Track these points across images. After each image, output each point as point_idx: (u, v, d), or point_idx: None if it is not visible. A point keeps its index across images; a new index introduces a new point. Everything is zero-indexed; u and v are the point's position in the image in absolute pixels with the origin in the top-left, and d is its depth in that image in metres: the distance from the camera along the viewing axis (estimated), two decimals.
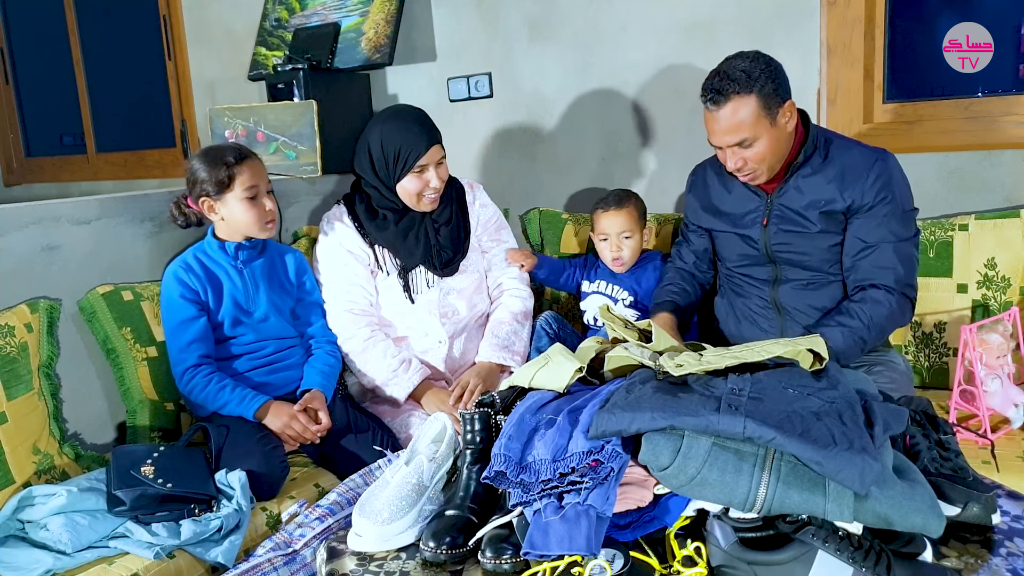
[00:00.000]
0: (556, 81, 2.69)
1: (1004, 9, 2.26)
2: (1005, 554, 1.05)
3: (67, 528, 1.47)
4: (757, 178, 1.81)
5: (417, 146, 2.02)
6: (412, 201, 2.08)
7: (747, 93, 1.69)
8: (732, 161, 1.78)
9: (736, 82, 1.69)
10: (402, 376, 2.05)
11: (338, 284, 2.10)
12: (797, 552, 0.99)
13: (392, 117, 2.08)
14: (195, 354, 1.86)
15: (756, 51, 1.75)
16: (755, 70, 1.70)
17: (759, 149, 1.74)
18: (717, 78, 1.72)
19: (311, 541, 1.36)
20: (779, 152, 1.78)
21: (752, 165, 1.77)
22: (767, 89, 1.70)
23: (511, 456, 1.12)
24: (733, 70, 1.71)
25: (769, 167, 1.78)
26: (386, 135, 2.04)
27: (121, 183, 3.94)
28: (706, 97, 1.73)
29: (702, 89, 1.75)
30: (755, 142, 1.73)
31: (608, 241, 2.20)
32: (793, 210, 1.83)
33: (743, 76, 1.69)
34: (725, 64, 1.74)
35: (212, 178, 1.86)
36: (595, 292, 2.27)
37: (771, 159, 1.77)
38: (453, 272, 2.15)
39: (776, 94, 1.71)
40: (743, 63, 1.71)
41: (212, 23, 3.40)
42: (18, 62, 4.38)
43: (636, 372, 1.22)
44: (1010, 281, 1.98)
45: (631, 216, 2.19)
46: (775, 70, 1.73)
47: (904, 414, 1.12)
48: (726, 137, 1.74)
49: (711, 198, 1.99)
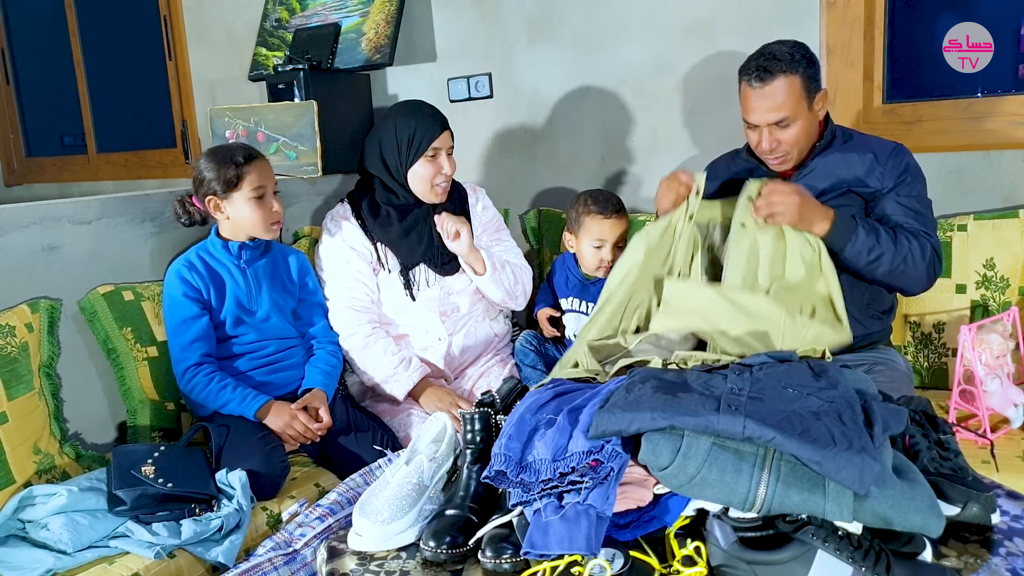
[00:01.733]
0: (556, 81, 2.70)
1: (1004, 9, 2.27)
2: (1004, 554, 1.05)
3: (68, 528, 1.47)
4: (787, 162, 1.85)
5: (431, 128, 2.06)
6: (424, 189, 2.09)
7: (792, 73, 1.75)
8: (767, 141, 1.80)
9: (782, 61, 1.75)
10: (402, 374, 2.06)
11: (340, 280, 2.10)
12: (797, 552, 0.99)
13: (404, 106, 2.14)
14: (197, 353, 1.86)
15: (795, 40, 1.81)
16: (797, 53, 1.76)
17: (795, 131, 1.78)
18: (763, 58, 1.77)
19: (311, 540, 1.36)
20: (810, 137, 1.83)
21: (785, 147, 1.81)
22: (809, 72, 1.77)
23: (511, 456, 1.12)
24: (779, 51, 1.76)
25: (799, 151, 1.84)
26: (400, 122, 2.08)
27: (122, 183, 3.94)
28: (751, 75, 1.77)
29: (744, 69, 1.79)
30: (793, 123, 1.77)
31: (603, 248, 2.15)
32: (817, 189, 1.83)
33: (788, 57, 1.75)
34: (767, 47, 1.79)
35: (220, 177, 1.86)
36: (570, 310, 2.24)
37: (803, 143, 1.82)
38: (454, 271, 2.16)
39: (815, 79, 1.78)
40: (786, 47, 1.77)
41: (213, 23, 3.40)
42: (18, 62, 4.38)
43: (636, 371, 1.22)
44: (1009, 281, 1.98)
45: (626, 224, 2.17)
46: (813, 58, 1.79)
47: (903, 414, 1.12)
48: (768, 115, 1.77)
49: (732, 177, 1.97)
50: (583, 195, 2.21)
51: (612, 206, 2.16)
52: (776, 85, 1.75)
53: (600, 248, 2.16)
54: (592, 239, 2.16)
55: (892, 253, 1.72)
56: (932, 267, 1.77)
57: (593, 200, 2.17)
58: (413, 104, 2.15)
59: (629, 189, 2.64)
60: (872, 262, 1.72)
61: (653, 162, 2.60)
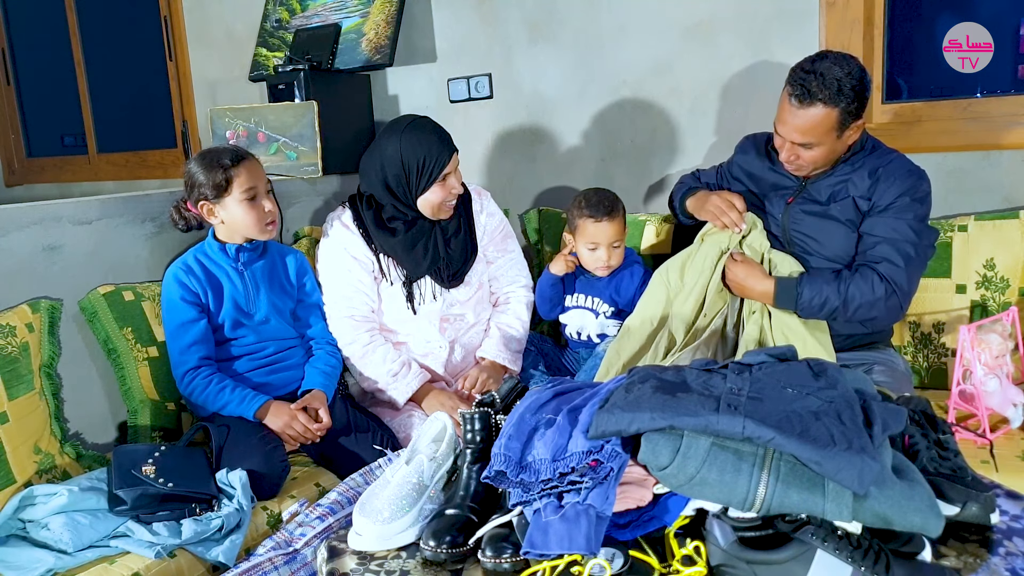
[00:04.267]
0: (556, 81, 2.70)
1: (1004, 9, 2.27)
2: (1004, 553, 1.05)
3: (68, 527, 1.47)
4: (801, 171, 1.87)
5: (441, 156, 1.98)
6: (434, 211, 2.04)
7: (833, 106, 1.70)
8: (786, 153, 1.82)
9: (828, 89, 1.69)
10: (402, 380, 2.05)
11: (340, 290, 2.07)
12: (796, 551, 0.99)
13: (408, 130, 2.00)
14: (195, 356, 1.86)
15: (856, 60, 1.74)
16: (847, 84, 1.69)
17: (815, 154, 1.79)
18: (812, 77, 1.71)
19: (312, 540, 1.36)
20: (831, 159, 1.83)
21: (802, 163, 1.82)
22: (850, 108, 1.72)
23: (511, 456, 1.13)
24: (829, 76, 1.70)
25: (815, 169, 1.85)
26: (406, 149, 1.97)
27: (122, 183, 3.94)
28: (794, 91, 1.73)
29: (792, 77, 1.75)
30: (817, 148, 1.77)
31: (597, 250, 2.12)
32: (821, 196, 1.87)
33: (835, 86, 1.69)
34: (824, 64, 1.71)
35: (210, 182, 1.85)
36: (574, 307, 2.22)
37: (821, 163, 1.83)
38: (459, 283, 2.13)
39: (855, 114, 1.73)
40: (840, 71, 1.70)
41: (213, 24, 3.41)
42: (19, 62, 4.38)
43: (635, 370, 1.22)
44: (1009, 282, 1.98)
45: (621, 223, 2.13)
46: (865, 87, 1.72)
47: (903, 414, 1.12)
48: (795, 135, 1.77)
49: (753, 163, 2.01)
50: (580, 196, 2.17)
51: (604, 209, 2.09)
52: (812, 113, 1.71)
53: (595, 250, 2.13)
54: (586, 241, 2.13)
55: (841, 304, 1.76)
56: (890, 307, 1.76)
57: (587, 202, 2.12)
58: (417, 127, 2.01)
59: (629, 189, 2.64)
60: (828, 314, 1.79)
61: (653, 162, 2.60)
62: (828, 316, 1.79)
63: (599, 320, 2.18)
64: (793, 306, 1.80)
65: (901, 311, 1.80)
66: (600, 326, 2.19)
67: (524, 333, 2.23)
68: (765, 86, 2.34)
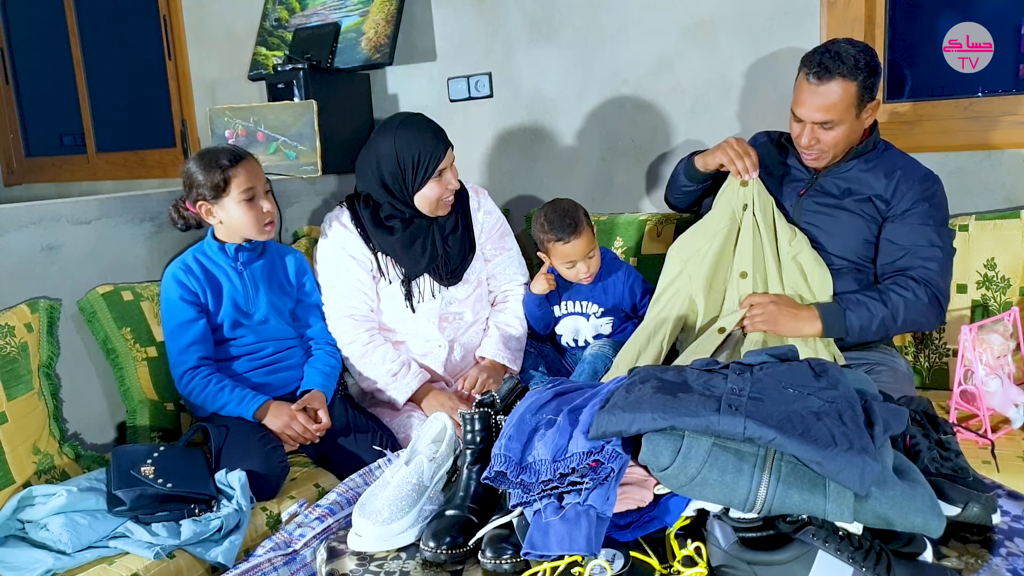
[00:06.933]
0: (556, 81, 2.69)
1: (1004, 9, 2.27)
2: (1005, 554, 1.05)
3: (67, 528, 1.47)
4: (820, 160, 1.87)
5: (436, 151, 1.98)
6: (431, 207, 2.04)
7: (851, 79, 1.74)
8: (807, 137, 1.82)
9: (845, 64, 1.74)
10: (401, 380, 2.05)
11: (339, 289, 2.07)
12: (797, 552, 0.99)
13: (402, 127, 2.00)
14: (194, 356, 1.85)
15: (866, 43, 1.80)
16: (862, 60, 1.74)
17: (836, 134, 1.79)
18: (827, 55, 1.75)
19: (311, 541, 1.36)
20: (849, 142, 1.84)
21: (823, 147, 1.82)
22: (868, 82, 1.76)
23: (511, 456, 1.12)
24: (845, 52, 1.74)
25: (835, 155, 1.85)
26: (400, 146, 1.97)
27: (121, 183, 3.94)
28: (811, 70, 1.76)
29: (807, 61, 1.79)
30: (837, 127, 1.78)
31: (575, 266, 2.07)
32: (833, 190, 1.87)
33: (852, 61, 1.74)
34: (836, 44, 1.77)
35: (208, 182, 1.85)
36: (567, 314, 2.20)
37: (841, 146, 1.83)
38: (458, 281, 2.12)
39: (871, 90, 1.77)
40: (854, 49, 1.75)
41: (212, 23, 3.40)
42: (18, 62, 4.37)
43: (636, 370, 1.22)
44: (1010, 281, 1.98)
45: (589, 234, 2.07)
46: (877, 67, 1.77)
47: (904, 414, 1.12)
48: (815, 113, 1.77)
49: (766, 154, 2.00)
50: (539, 217, 2.09)
51: (568, 228, 2.02)
52: (832, 87, 1.74)
53: (572, 267, 2.09)
54: (561, 261, 2.09)
55: (889, 316, 1.76)
56: (936, 312, 1.80)
57: (549, 224, 2.05)
58: (412, 123, 2.01)
59: (629, 189, 2.64)
60: (877, 331, 1.78)
61: (653, 161, 2.59)
62: (880, 334, 1.79)
63: (591, 322, 2.17)
64: (844, 334, 1.77)
65: (944, 314, 1.82)
66: (594, 328, 2.18)
67: (523, 332, 2.22)
68: (766, 85, 2.34)
